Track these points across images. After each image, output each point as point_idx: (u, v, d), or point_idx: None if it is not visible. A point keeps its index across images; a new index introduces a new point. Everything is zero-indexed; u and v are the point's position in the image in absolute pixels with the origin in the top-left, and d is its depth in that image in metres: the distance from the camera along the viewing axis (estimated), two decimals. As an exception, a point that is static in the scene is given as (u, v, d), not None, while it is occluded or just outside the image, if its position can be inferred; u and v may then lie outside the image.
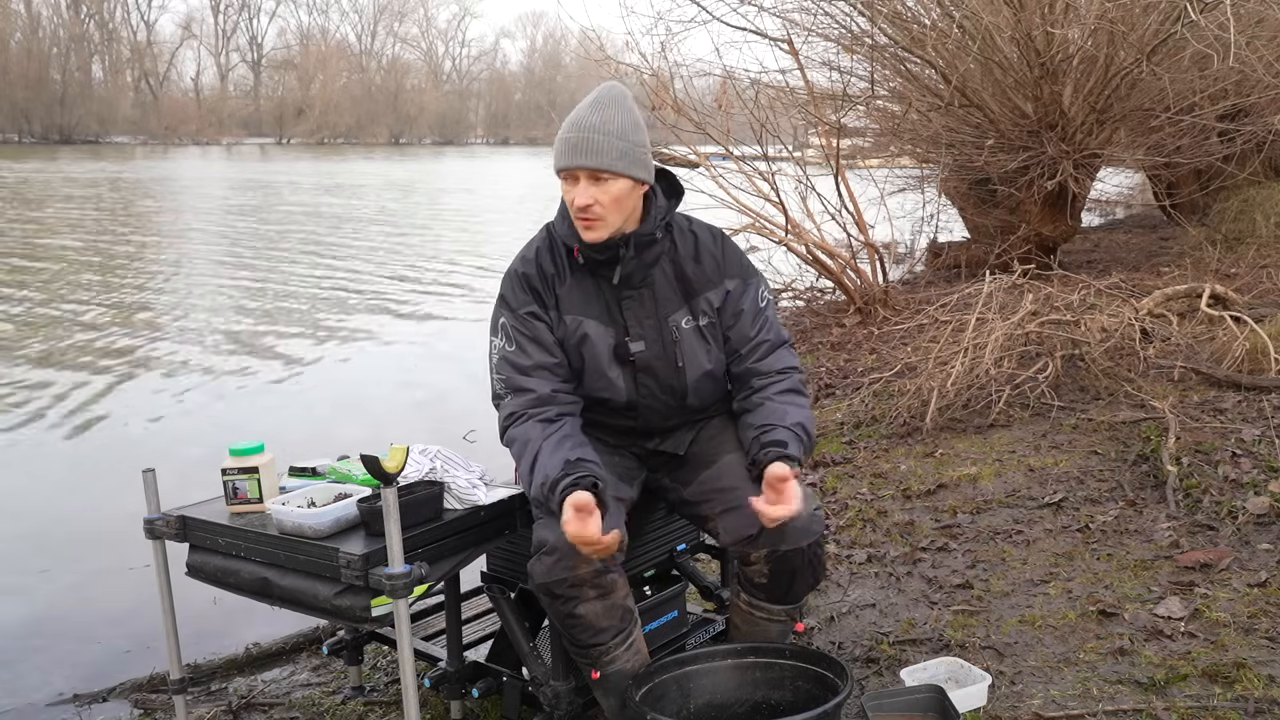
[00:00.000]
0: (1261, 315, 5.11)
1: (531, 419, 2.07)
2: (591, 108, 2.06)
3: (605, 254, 2.10)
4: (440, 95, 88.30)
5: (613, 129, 2.03)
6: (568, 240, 2.14)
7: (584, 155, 2.02)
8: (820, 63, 8.77)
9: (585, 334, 2.14)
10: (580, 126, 2.03)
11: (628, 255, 2.10)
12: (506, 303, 2.16)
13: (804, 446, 2.07)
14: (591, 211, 2.04)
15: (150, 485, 2.26)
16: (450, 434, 5.07)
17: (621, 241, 2.09)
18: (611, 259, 2.11)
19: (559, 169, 2.07)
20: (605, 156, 2.02)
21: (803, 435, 2.08)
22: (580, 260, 2.14)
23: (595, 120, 2.03)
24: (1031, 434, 4.26)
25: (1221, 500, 3.30)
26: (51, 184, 26.90)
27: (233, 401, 6.18)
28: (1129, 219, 13.82)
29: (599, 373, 2.15)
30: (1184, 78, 7.06)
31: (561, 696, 2.17)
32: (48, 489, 4.67)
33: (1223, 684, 2.33)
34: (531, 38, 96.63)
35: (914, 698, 2.22)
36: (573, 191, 2.05)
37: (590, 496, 1.89)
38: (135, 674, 2.90)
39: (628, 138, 2.05)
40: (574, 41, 46.14)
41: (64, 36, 69.38)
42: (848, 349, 6.30)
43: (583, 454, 2.01)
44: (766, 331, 2.22)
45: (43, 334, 8.00)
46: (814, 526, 2.07)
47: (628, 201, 2.07)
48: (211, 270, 11.76)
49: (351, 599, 1.92)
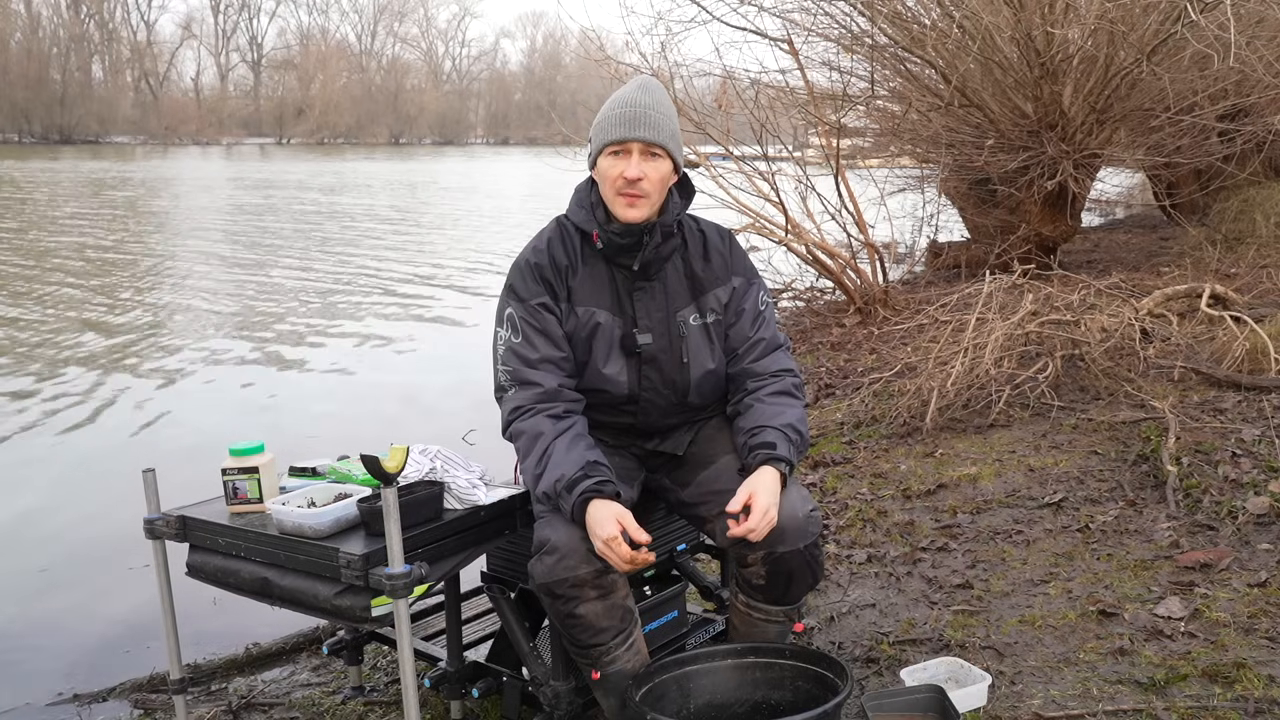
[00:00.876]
0: (1261, 315, 5.11)
1: (540, 413, 2.07)
2: (641, 90, 2.12)
3: (629, 239, 2.11)
4: (440, 95, 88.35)
5: (665, 110, 2.12)
6: (587, 226, 2.15)
7: (643, 128, 2.07)
8: (820, 63, 8.80)
9: (597, 324, 2.14)
10: (635, 104, 2.09)
11: (651, 242, 2.12)
12: (515, 293, 2.15)
13: (794, 447, 2.08)
14: (640, 187, 2.07)
15: (150, 485, 2.25)
16: (450, 434, 5.07)
17: (646, 229, 2.11)
18: (634, 245, 2.12)
19: (611, 140, 2.08)
20: (661, 132, 2.08)
21: (793, 436, 2.09)
22: (599, 245, 2.14)
23: (648, 100, 2.10)
24: (1031, 434, 4.26)
25: (1221, 500, 3.30)
26: (64, 183, 26.91)
27: (233, 401, 6.18)
28: (1129, 219, 13.82)
29: (605, 363, 2.15)
30: (1184, 78, 7.06)
31: (561, 696, 2.17)
32: (48, 488, 4.67)
33: (1223, 684, 2.33)
34: (531, 38, 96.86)
35: (914, 698, 2.22)
36: (621, 164, 2.07)
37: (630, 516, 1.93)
38: (135, 674, 2.90)
39: (674, 123, 2.13)
40: (574, 41, 46.11)
41: (64, 36, 69.46)
42: (848, 349, 6.30)
43: (598, 457, 2.02)
44: (764, 333, 2.23)
45: (44, 333, 8.00)
46: (810, 528, 2.07)
47: (665, 186, 2.13)
48: (213, 269, 11.76)
49: (351, 599, 1.92)
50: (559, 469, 1.98)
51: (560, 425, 2.06)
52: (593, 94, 19.79)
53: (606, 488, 1.95)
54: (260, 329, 8.39)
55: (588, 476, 1.96)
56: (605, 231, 2.12)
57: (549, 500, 2.01)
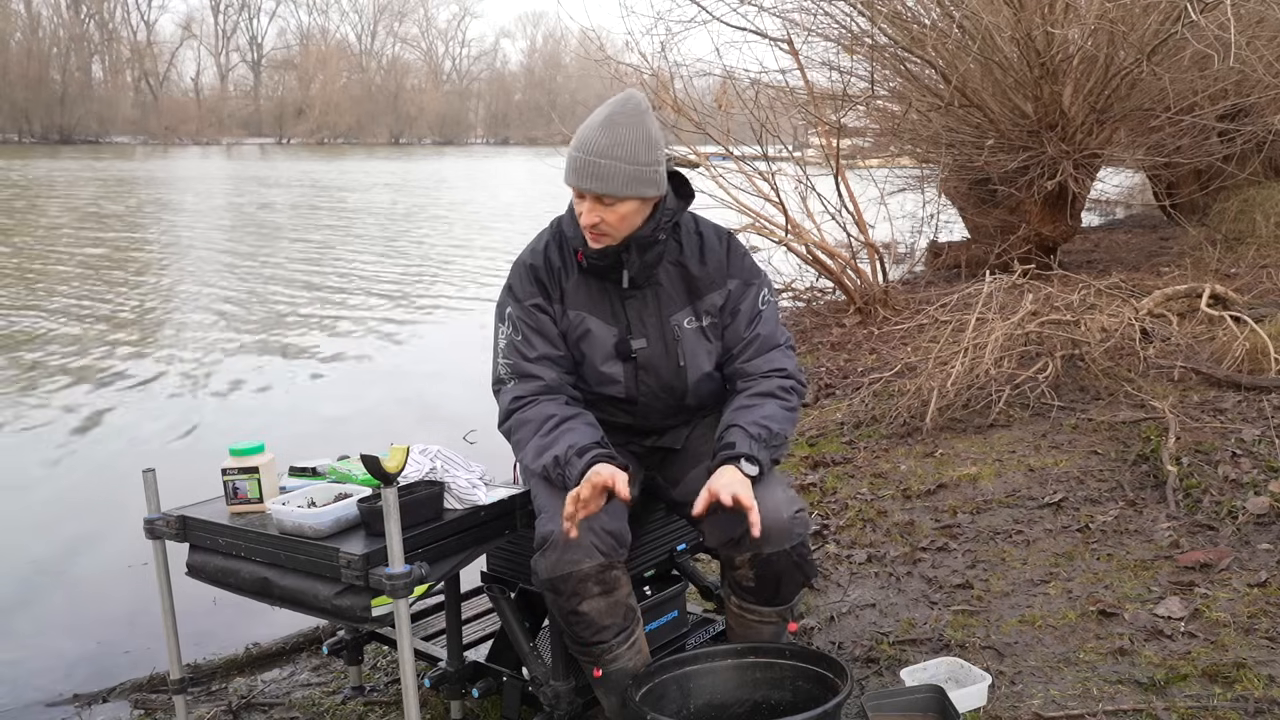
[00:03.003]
0: (1261, 315, 5.11)
1: (545, 401, 2.10)
2: (603, 127, 2.00)
3: (606, 260, 2.11)
4: (440, 95, 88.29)
5: (622, 153, 1.99)
6: (574, 243, 2.16)
7: (590, 180, 2.01)
8: (820, 63, 8.79)
9: (588, 329, 2.15)
10: (590, 149, 2.00)
11: (631, 259, 2.11)
12: (513, 293, 2.18)
13: (758, 443, 2.04)
14: (598, 229, 2.06)
15: (150, 485, 2.25)
16: (450, 434, 5.07)
17: (623, 247, 2.10)
18: (614, 264, 2.12)
19: (567, 183, 2.08)
20: (612, 183, 2.00)
21: (756, 431, 2.05)
22: (584, 264, 2.16)
23: (605, 143, 1.99)
24: (1031, 434, 4.26)
25: (1221, 500, 3.31)
26: (72, 182, 26.91)
27: (233, 401, 6.18)
28: (1129, 219, 13.82)
29: (600, 367, 2.16)
30: (1184, 78, 7.06)
31: (561, 696, 2.17)
32: (48, 488, 4.67)
33: (1223, 684, 2.33)
34: (531, 38, 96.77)
35: (914, 698, 2.22)
36: (580, 206, 2.07)
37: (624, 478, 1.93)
38: (135, 674, 2.90)
39: (638, 160, 2.00)
40: (574, 41, 46.20)
41: (64, 36, 69.44)
42: (848, 349, 6.30)
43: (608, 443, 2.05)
44: (760, 331, 2.21)
45: (46, 331, 8.00)
46: (796, 529, 2.06)
47: (636, 217, 2.08)
48: (213, 269, 11.74)
49: (351, 599, 1.92)
50: (572, 439, 2.01)
51: (571, 409, 2.09)
52: (593, 94, 19.82)
53: (617, 458, 1.99)
54: (260, 328, 8.39)
55: (600, 446, 2.00)
56: (587, 253, 2.13)
57: (558, 467, 2.00)
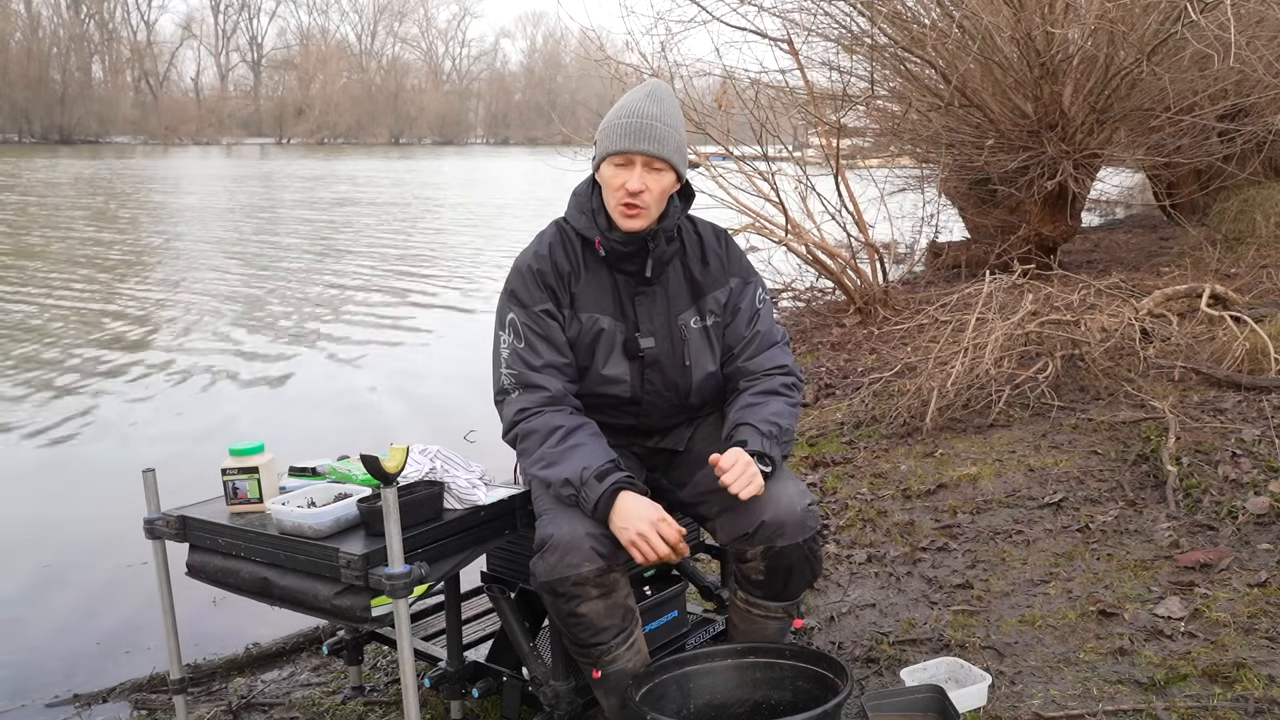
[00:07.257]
0: (1261, 315, 5.11)
1: (550, 412, 2.08)
2: (649, 99, 2.09)
3: (631, 246, 2.11)
4: (440, 95, 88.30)
5: (672, 121, 2.09)
6: (588, 232, 2.14)
7: (647, 141, 2.04)
8: (820, 63, 8.79)
9: (601, 329, 2.14)
10: (641, 114, 2.06)
11: (656, 248, 2.12)
12: (517, 299, 2.14)
13: (770, 440, 2.06)
14: (641, 199, 2.06)
15: (150, 485, 2.25)
16: (450, 434, 5.07)
17: (650, 235, 2.11)
18: (638, 251, 2.12)
19: (615, 151, 2.07)
20: (666, 146, 2.06)
21: (767, 429, 2.08)
22: (602, 252, 2.14)
23: (656, 110, 2.07)
24: (1031, 434, 4.26)
25: (1221, 500, 3.31)
26: (73, 182, 26.90)
27: (234, 401, 6.18)
28: (1129, 219, 13.82)
29: (606, 366, 2.15)
30: (1184, 78, 7.06)
31: (561, 696, 2.17)
32: (48, 487, 4.67)
33: (1223, 684, 2.33)
34: (531, 38, 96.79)
35: (914, 698, 2.22)
36: (623, 175, 2.06)
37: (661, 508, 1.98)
38: (135, 674, 2.90)
39: (681, 133, 2.11)
40: (574, 41, 46.15)
41: (64, 36, 69.47)
42: (848, 349, 6.30)
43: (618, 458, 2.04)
44: (759, 328, 2.23)
45: (44, 333, 8.00)
46: (809, 522, 2.07)
47: (666, 196, 2.11)
48: (213, 269, 11.75)
49: (351, 599, 1.92)
50: (585, 459, 1.99)
51: (576, 420, 2.08)
52: (593, 94, 19.80)
53: (636, 483, 1.99)
54: (260, 328, 8.39)
55: (618, 469, 1.99)
56: (608, 239, 2.12)
57: (570, 487, 1.99)
